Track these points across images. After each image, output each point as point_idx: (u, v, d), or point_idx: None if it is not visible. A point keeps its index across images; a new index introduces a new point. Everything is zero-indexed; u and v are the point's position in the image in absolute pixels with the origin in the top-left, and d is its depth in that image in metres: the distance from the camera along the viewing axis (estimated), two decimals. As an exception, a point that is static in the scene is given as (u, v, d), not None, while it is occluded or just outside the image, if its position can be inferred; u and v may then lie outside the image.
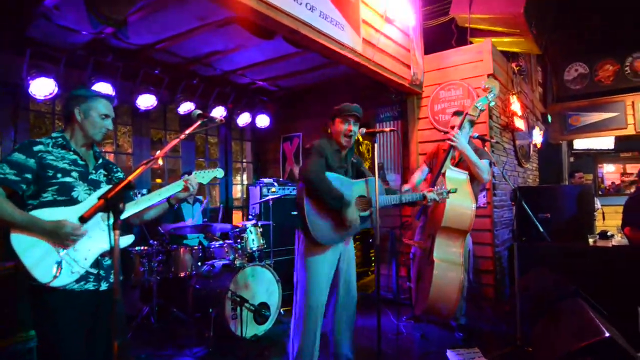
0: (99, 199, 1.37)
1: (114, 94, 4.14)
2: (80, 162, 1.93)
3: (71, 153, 1.91)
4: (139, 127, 5.15)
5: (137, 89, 4.49)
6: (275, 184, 5.24)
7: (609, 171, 9.44)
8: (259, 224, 4.20)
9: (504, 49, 5.43)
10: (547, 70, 8.44)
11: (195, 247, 4.10)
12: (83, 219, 1.43)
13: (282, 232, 4.70)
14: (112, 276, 1.94)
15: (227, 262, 3.93)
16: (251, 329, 3.63)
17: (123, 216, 1.84)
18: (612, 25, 7.56)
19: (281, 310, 3.99)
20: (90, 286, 1.84)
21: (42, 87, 3.69)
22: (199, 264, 4.07)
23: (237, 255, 3.88)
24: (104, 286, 1.90)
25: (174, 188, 2.03)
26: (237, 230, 4.10)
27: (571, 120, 8.22)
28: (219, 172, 2.17)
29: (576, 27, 7.74)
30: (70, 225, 1.73)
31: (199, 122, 1.88)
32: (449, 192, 2.82)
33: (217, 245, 4.18)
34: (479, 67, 4.58)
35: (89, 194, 1.89)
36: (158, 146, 5.97)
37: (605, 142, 8.76)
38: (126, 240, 1.96)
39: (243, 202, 6.60)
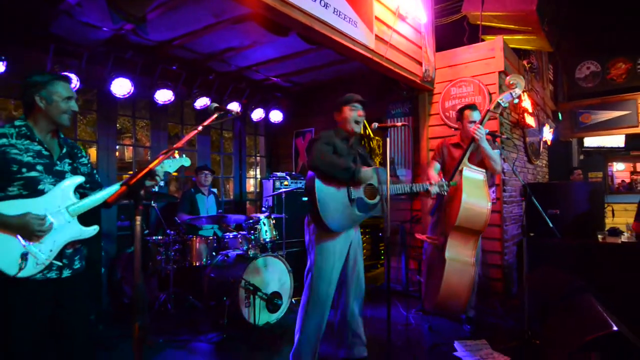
0: (122, 185, 1.42)
1: (132, 89, 4.28)
2: (45, 153, 1.90)
3: (35, 144, 1.88)
4: (157, 122, 5.29)
5: (155, 84, 4.62)
6: (288, 177, 5.34)
7: (619, 169, 9.39)
8: (272, 216, 4.31)
9: (516, 47, 5.46)
10: (559, 68, 8.42)
11: (210, 238, 4.22)
12: (107, 204, 1.48)
13: (294, 225, 4.81)
14: (75, 263, 1.97)
15: (240, 252, 4.04)
16: (264, 317, 3.75)
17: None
18: (625, 24, 7.51)
19: (293, 300, 4.10)
20: (53, 275, 1.86)
21: (65, 82, 3.82)
22: (214, 253, 4.19)
23: (250, 245, 3.99)
24: (66, 273, 1.92)
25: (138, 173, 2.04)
26: (251, 221, 4.21)
27: (582, 118, 8.20)
28: (186, 161, 2.15)
29: (588, 25, 7.70)
30: (36, 221, 1.75)
31: (216, 115, 1.93)
32: (448, 184, 2.91)
33: (231, 236, 4.30)
34: (490, 64, 4.62)
35: (54, 185, 1.89)
36: (175, 140, 6.06)
37: (615, 140, 8.72)
38: (91, 230, 1.95)
39: (256, 195, 6.72)
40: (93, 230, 1.95)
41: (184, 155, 2.17)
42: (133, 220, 1.34)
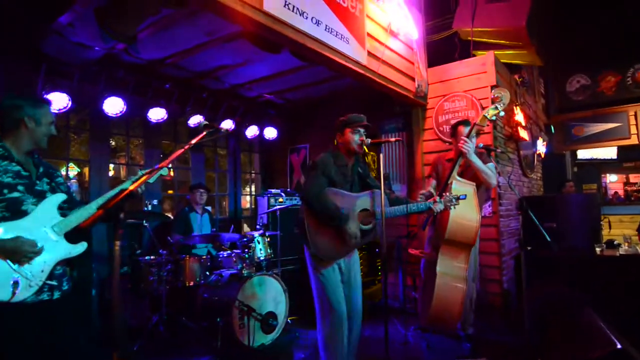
0: (98, 208, 1.37)
1: (125, 107, 4.26)
2: (24, 173, 1.88)
3: (14, 164, 1.86)
4: (150, 140, 5.26)
5: (148, 102, 4.61)
6: (283, 194, 5.30)
7: (612, 181, 9.45)
8: (267, 233, 4.24)
9: (507, 61, 5.52)
10: (549, 82, 8.52)
11: (204, 257, 4.14)
12: (80, 229, 1.41)
13: (290, 242, 4.74)
14: (65, 284, 1.94)
15: (235, 271, 3.97)
16: (259, 338, 3.65)
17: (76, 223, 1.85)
18: (613, 37, 7.64)
19: (288, 320, 4.01)
20: (45, 296, 1.83)
21: (57, 101, 3.80)
22: (207, 273, 4.11)
23: (244, 264, 3.92)
24: (56, 295, 1.89)
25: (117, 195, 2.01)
26: (245, 239, 4.15)
27: (574, 131, 8.26)
28: (164, 170, 2.08)
29: (577, 39, 7.83)
30: (28, 245, 1.73)
31: (205, 133, 1.90)
32: (458, 198, 2.80)
33: (225, 255, 4.23)
34: (482, 78, 4.66)
35: (36, 206, 1.86)
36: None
37: (608, 152, 8.79)
38: (80, 248, 1.91)
39: (252, 212, 6.66)
40: (81, 247, 1.91)
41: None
42: (113, 244, 1.27)
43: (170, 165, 1.85)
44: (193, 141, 1.74)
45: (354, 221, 2.60)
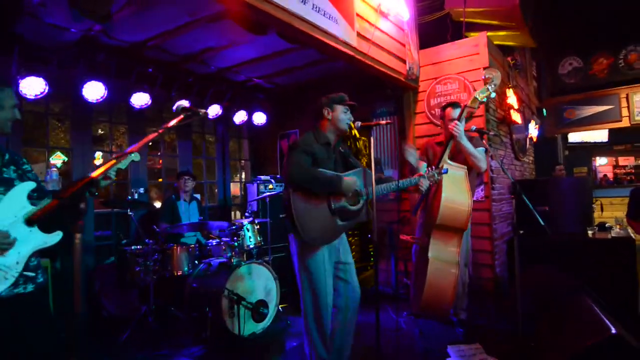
0: (53, 198, 1.25)
1: (105, 92, 4.09)
2: None
3: None
4: (135, 127, 5.10)
5: (131, 87, 4.43)
6: (273, 180, 5.20)
7: (602, 164, 9.48)
8: (256, 221, 4.16)
9: (500, 43, 5.41)
10: (542, 65, 8.45)
11: (192, 246, 4.06)
12: (30, 221, 1.28)
13: (280, 229, 4.62)
14: (39, 277, 1.85)
15: (224, 260, 3.89)
16: (249, 327, 3.59)
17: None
18: (606, 19, 7.56)
19: (280, 308, 3.95)
20: (20, 289, 1.75)
21: (33, 86, 3.62)
22: (196, 262, 4.03)
23: (234, 253, 3.84)
24: (29, 288, 1.79)
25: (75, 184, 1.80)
26: (234, 227, 4.06)
27: (566, 114, 8.23)
28: (136, 156, 1.96)
29: (570, 20, 7.74)
30: (0, 236, 1.64)
31: (182, 116, 1.80)
32: (440, 172, 2.77)
33: (214, 244, 4.14)
34: (475, 60, 4.56)
35: (4, 194, 1.75)
36: (155, 146, 5.91)
37: (599, 135, 8.78)
38: (55, 237, 1.81)
39: (242, 199, 6.56)
40: (57, 236, 1.80)
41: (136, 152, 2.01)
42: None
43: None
44: (170, 124, 1.62)
45: (347, 180, 2.51)
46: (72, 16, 2.77)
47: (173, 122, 1.66)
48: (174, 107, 5.03)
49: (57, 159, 6.93)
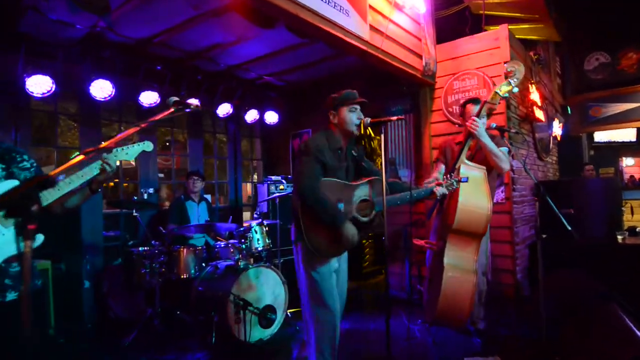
0: None
1: (113, 91, 4.02)
2: None
3: None
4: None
5: (140, 85, 4.36)
6: (284, 181, 5.07)
7: (629, 164, 9.05)
8: (265, 222, 4.02)
9: (521, 37, 5.15)
10: (566, 60, 8.08)
11: (199, 248, 3.95)
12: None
13: (290, 231, 4.51)
14: (21, 285, 1.70)
15: (231, 263, 3.76)
16: (256, 333, 3.46)
17: (45, 203, 1.61)
18: (635, 11, 7.16)
19: (288, 313, 3.81)
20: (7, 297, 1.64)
21: (39, 84, 3.59)
22: (203, 264, 3.92)
23: (241, 255, 3.71)
24: (10, 296, 1.67)
25: (92, 170, 1.76)
26: (242, 229, 3.93)
27: (592, 112, 7.86)
28: (147, 146, 1.88)
29: (597, 13, 7.36)
30: None
31: (172, 109, 1.68)
32: (459, 181, 2.57)
33: (222, 246, 4.03)
34: (495, 54, 4.32)
35: None
36: (166, 145, 5.86)
37: (627, 134, 8.37)
38: (36, 242, 1.67)
39: (253, 200, 6.45)
40: (37, 240, 1.66)
41: (146, 141, 1.95)
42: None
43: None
44: (156, 118, 1.50)
45: (351, 225, 2.35)
46: (69, 8, 2.68)
47: (161, 115, 1.54)
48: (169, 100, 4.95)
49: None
